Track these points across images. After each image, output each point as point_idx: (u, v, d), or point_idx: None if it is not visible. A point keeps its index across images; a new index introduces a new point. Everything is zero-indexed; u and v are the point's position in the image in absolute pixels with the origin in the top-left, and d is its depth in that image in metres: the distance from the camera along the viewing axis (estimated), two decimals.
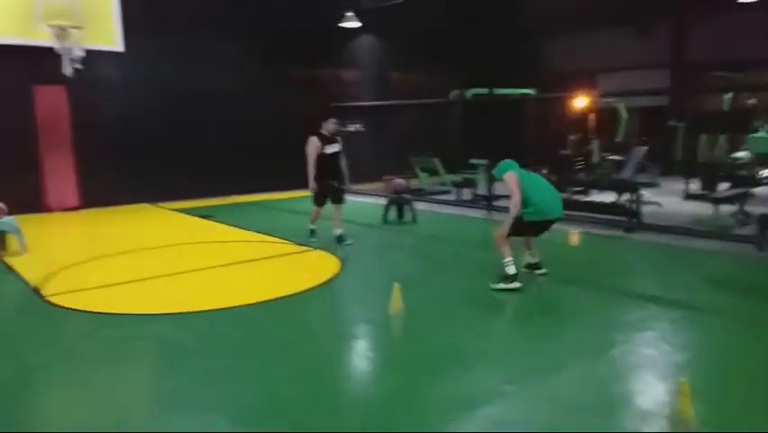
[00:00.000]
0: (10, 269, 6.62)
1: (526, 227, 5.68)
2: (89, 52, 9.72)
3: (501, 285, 5.49)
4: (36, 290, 5.75)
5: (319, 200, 7.70)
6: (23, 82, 10.20)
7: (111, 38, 10.18)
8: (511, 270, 5.47)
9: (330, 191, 7.68)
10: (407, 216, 9.32)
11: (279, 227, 8.88)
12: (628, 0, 14.84)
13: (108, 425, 3.27)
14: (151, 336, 4.50)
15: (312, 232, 7.89)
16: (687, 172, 11.20)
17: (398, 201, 9.37)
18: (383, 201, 9.70)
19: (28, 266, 6.66)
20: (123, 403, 3.59)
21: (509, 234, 5.60)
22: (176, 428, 3.15)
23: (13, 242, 7.40)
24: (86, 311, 5.11)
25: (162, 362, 4.03)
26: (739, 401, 3.37)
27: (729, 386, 3.57)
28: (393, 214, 9.36)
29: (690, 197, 10.55)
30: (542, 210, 5.62)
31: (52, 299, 5.46)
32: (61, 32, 8.84)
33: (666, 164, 13.31)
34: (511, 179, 5.62)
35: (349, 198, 8.20)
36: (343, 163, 7.80)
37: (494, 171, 6.02)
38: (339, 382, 3.83)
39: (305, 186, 7.73)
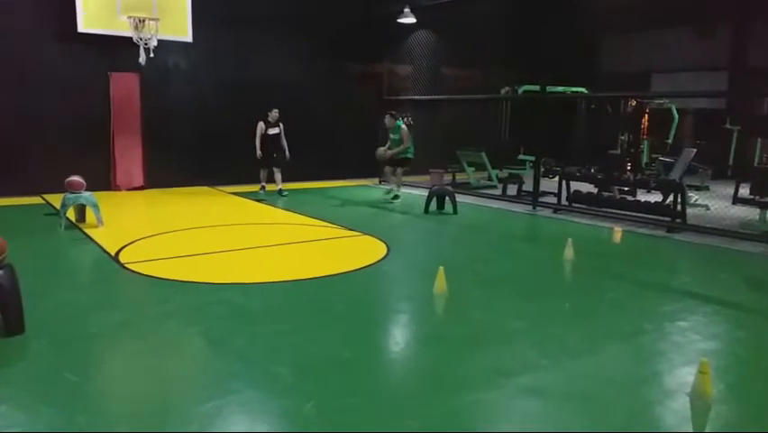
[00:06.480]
0: (90, 239, 7.31)
1: None
2: (160, 42, 10.43)
3: None
4: (115, 258, 6.39)
5: (262, 165, 11.04)
6: (101, 69, 10.97)
7: (183, 29, 10.88)
8: None
9: (271, 160, 10.90)
10: (448, 207, 9.66)
11: (330, 213, 9.38)
12: (687, 1, 14.68)
13: (184, 371, 3.79)
14: (221, 301, 5.00)
15: (262, 188, 11.17)
16: (738, 176, 11.13)
17: (439, 193, 9.73)
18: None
19: (105, 237, 7.33)
20: (197, 353, 4.10)
21: None
22: (244, 378, 3.62)
23: (90, 215, 8.12)
24: (160, 278, 5.68)
25: (232, 323, 4.51)
26: (760, 385, 3.62)
27: (752, 372, 3.82)
28: (434, 204, 9.72)
29: (738, 201, 10.50)
30: None
31: (130, 266, 6.07)
32: (140, 23, 9.56)
33: (719, 168, 13.18)
34: None
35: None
36: (284, 142, 10.92)
37: None
38: (389, 347, 4.26)
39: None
